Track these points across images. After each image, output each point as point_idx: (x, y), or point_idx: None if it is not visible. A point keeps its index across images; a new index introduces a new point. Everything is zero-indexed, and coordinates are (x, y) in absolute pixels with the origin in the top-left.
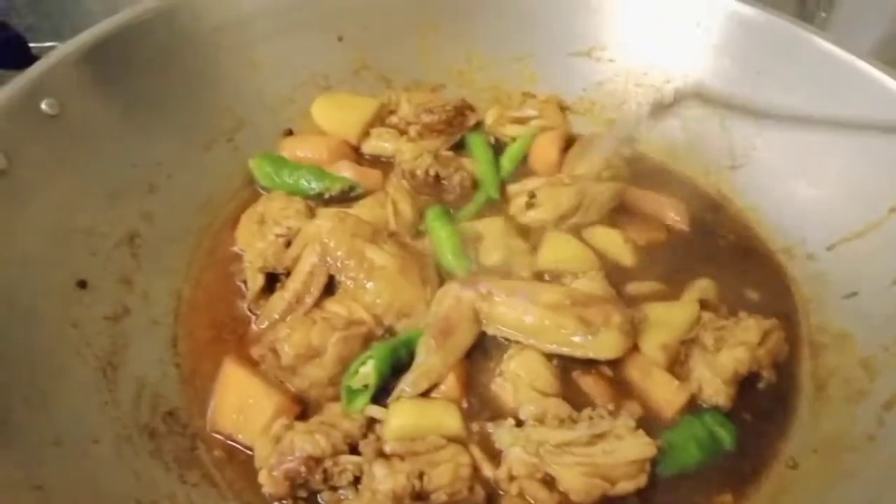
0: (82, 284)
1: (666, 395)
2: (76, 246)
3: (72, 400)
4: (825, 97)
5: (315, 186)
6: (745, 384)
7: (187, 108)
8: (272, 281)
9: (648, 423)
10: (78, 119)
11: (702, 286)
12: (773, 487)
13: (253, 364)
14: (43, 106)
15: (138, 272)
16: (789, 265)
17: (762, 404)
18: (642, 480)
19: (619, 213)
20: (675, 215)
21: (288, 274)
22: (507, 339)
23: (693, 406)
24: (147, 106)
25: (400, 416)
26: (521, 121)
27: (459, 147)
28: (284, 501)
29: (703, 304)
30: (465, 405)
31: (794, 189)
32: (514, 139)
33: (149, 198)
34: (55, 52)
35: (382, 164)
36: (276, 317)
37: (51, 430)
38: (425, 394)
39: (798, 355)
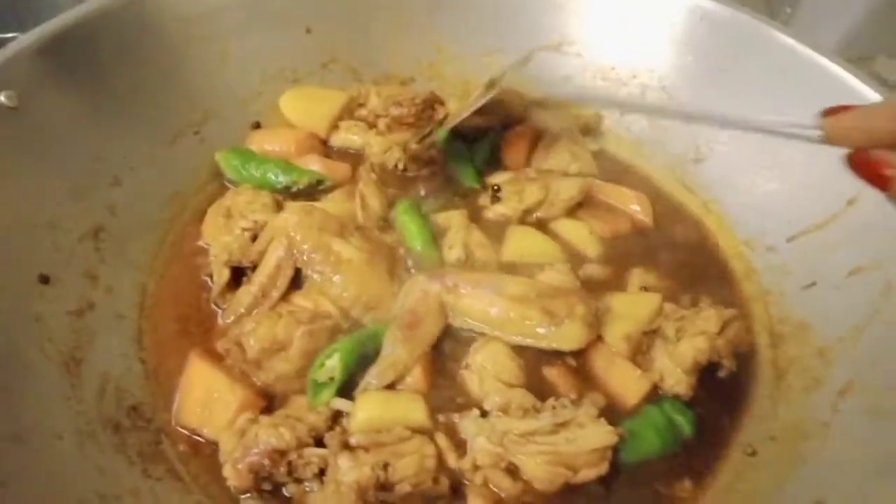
0: (45, 279)
1: (628, 384)
2: (39, 240)
3: (34, 395)
4: (787, 94)
5: (282, 180)
6: (706, 373)
7: (153, 100)
8: (238, 275)
9: (611, 412)
10: (39, 111)
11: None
12: (732, 474)
13: (218, 358)
14: (1, 98)
15: (102, 266)
16: (750, 257)
17: (722, 393)
18: (604, 468)
19: (585, 207)
20: (638, 208)
21: (254, 268)
22: (473, 332)
23: (655, 395)
24: (111, 98)
25: (366, 409)
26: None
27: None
28: (249, 494)
29: (666, 296)
30: (430, 397)
31: (755, 182)
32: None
33: (113, 191)
34: (14, 43)
35: (351, 157)
36: (242, 311)
37: (11, 426)
38: (391, 386)
39: (758, 345)
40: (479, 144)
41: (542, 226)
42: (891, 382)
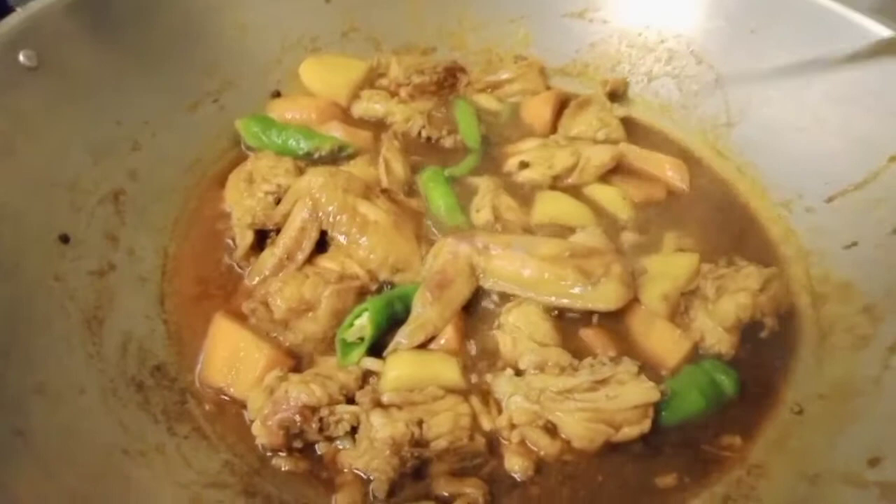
0: (65, 239)
1: (668, 344)
2: (58, 200)
3: (55, 350)
4: (820, 52)
5: (304, 146)
6: (748, 334)
7: (173, 67)
8: (261, 239)
9: (651, 373)
10: (59, 72)
11: (674, 238)
12: (779, 432)
13: (243, 319)
14: (21, 58)
15: (123, 229)
16: (788, 219)
17: (765, 353)
18: (646, 426)
19: (618, 173)
20: (674, 174)
21: (278, 231)
22: (504, 293)
23: (696, 356)
24: (131, 63)
25: (397, 368)
26: (496, 85)
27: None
28: (280, 454)
29: (703, 259)
30: (462, 358)
31: (790, 144)
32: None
33: (134, 155)
34: (35, 3)
35: (372, 125)
36: (267, 273)
37: (32, 378)
38: (423, 347)
39: (799, 306)
40: (501, 109)
41: (573, 192)
42: None
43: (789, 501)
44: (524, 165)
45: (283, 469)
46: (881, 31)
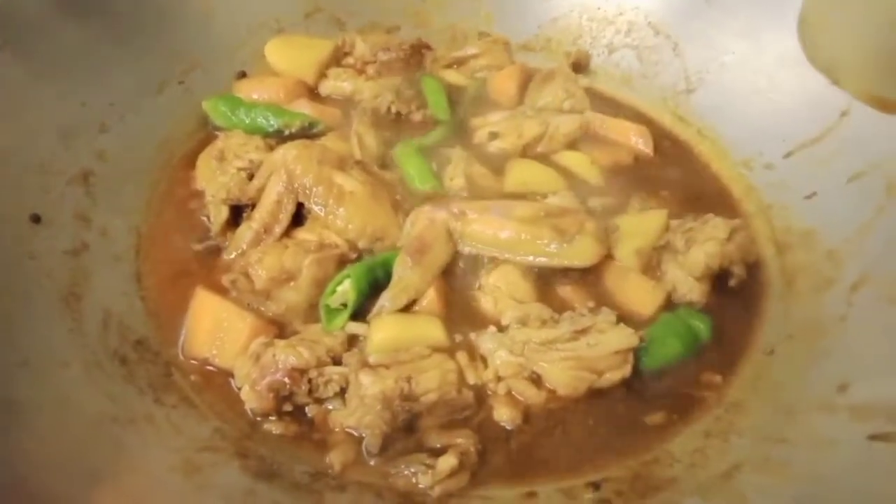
0: (36, 219)
1: (643, 296)
2: (28, 182)
3: (36, 325)
4: (773, 19)
5: (274, 123)
6: (718, 284)
7: (138, 49)
8: (237, 215)
9: (628, 323)
10: (24, 54)
11: (641, 198)
12: (753, 373)
13: (224, 292)
14: None
15: (94, 209)
16: (748, 176)
17: (736, 301)
18: (627, 370)
19: (585, 141)
20: (639, 140)
21: (253, 206)
22: (483, 256)
23: (669, 306)
24: (96, 45)
25: (382, 330)
26: (462, 60)
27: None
28: (270, 418)
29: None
30: (446, 319)
31: (747, 106)
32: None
33: (101, 137)
34: None
35: (340, 104)
36: (245, 247)
37: (16, 353)
38: (406, 310)
39: (765, 256)
40: (468, 84)
41: (543, 159)
42: None
43: (766, 432)
44: (494, 136)
45: (274, 433)
46: None
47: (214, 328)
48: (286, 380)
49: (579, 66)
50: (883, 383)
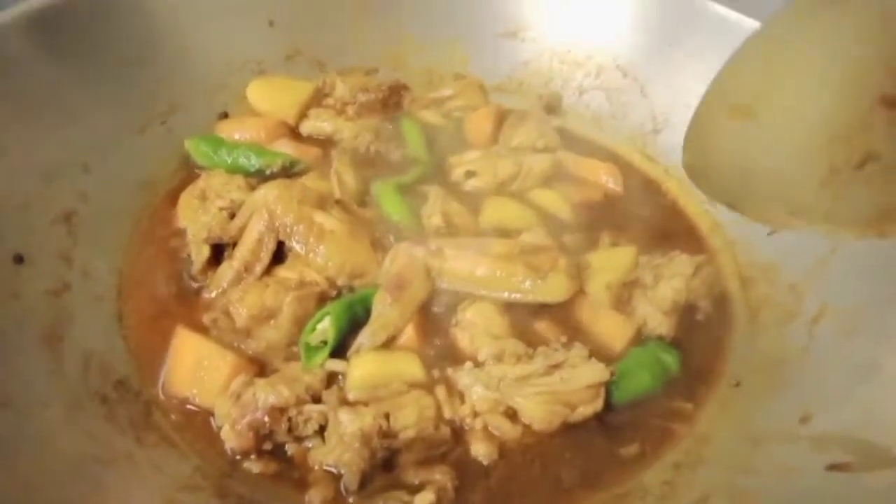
0: (19, 259)
1: (614, 330)
2: (11, 222)
3: (17, 366)
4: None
5: (255, 163)
6: (686, 317)
7: (120, 90)
8: (218, 254)
9: (600, 357)
10: (5, 95)
11: (610, 236)
12: (720, 404)
13: (204, 331)
14: None
15: (76, 249)
16: (714, 213)
17: (703, 334)
18: (599, 404)
19: (557, 180)
20: (608, 178)
21: (234, 245)
22: (460, 292)
23: (640, 340)
24: (79, 86)
25: (361, 367)
26: (439, 101)
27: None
28: (250, 457)
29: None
30: (424, 355)
31: None
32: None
33: (84, 178)
34: None
35: (321, 143)
36: (226, 285)
37: None
38: (385, 346)
39: (730, 290)
40: (445, 124)
41: (517, 197)
42: (859, 302)
43: (733, 462)
44: (470, 174)
45: (254, 472)
46: None
47: (195, 367)
48: (266, 418)
49: (551, 107)
50: (840, 415)
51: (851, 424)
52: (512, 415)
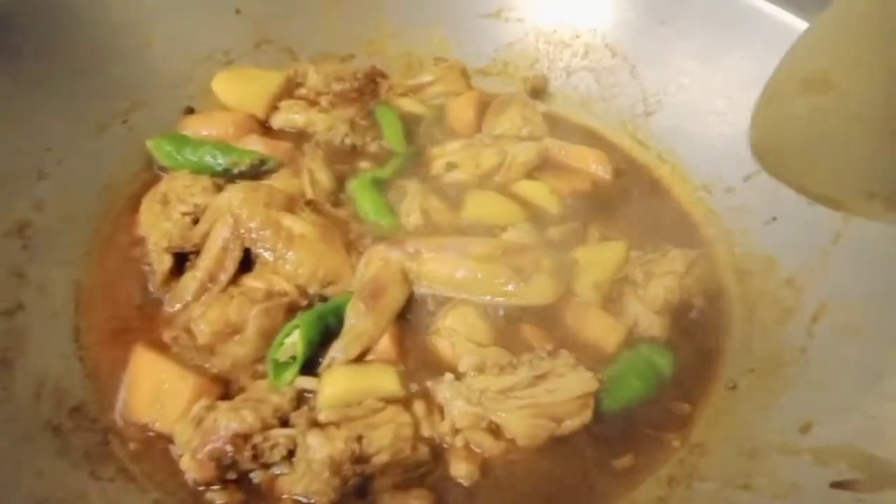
0: None
1: (603, 332)
2: None
3: None
4: (725, 38)
5: (222, 162)
6: (679, 315)
7: (75, 89)
8: (181, 262)
9: (589, 362)
10: None
11: (600, 228)
12: (716, 410)
13: (165, 349)
14: None
15: (31, 264)
16: (708, 201)
17: (697, 333)
18: (587, 416)
19: (544, 168)
20: (598, 166)
21: (198, 252)
22: (440, 297)
23: (631, 341)
24: (30, 88)
25: (333, 384)
26: (418, 88)
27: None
28: (213, 487)
29: (630, 246)
30: (401, 366)
31: (705, 128)
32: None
33: (38, 185)
34: None
35: (293, 136)
36: (189, 298)
37: None
38: (359, 359)
39: (725, 284)
40: (424, 112)
41: (501, 189)
42: (861, 299)
43: (730, 477)
44: (452, 166)
45: (218, 503)
46: (781, 16)
47: (155, 390)
48: (228, 447)
49: (537, 91)
50: (843, 424)
51: (856, 436)
52: (495, 430)
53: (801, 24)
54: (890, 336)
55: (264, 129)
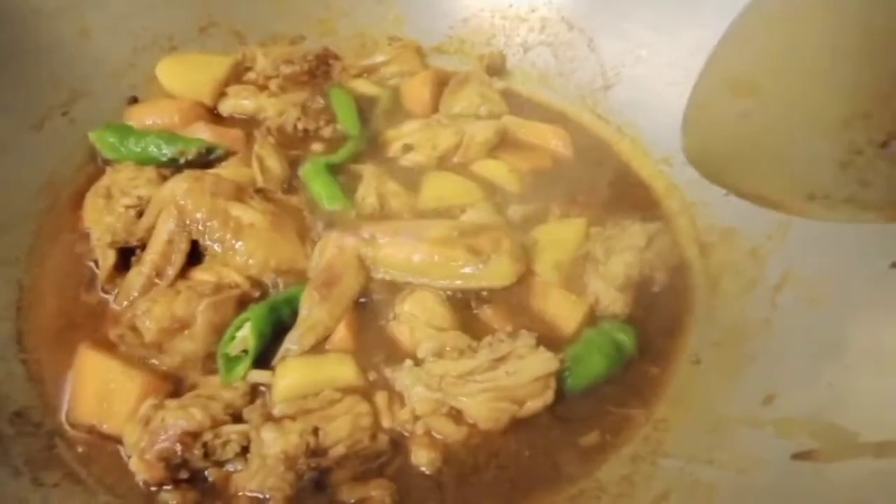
0: None
1: (564, 311)
2: None
3: None
4: (681, 8)
5: (167, 151)
6: (642, 291)
7: (10, 81)
8: (127, 257)
9: (552, 342)
10: None
11: (561, 205)
12: (680, 385)
13: (112, 348)
14: None
15: None
16: (669, 174)
17: (660, 308)
18: (549, 397)
19: (503, 147)
20: (558, 142)
21: (143, 247)
22: (398, 282)
23: (593, 319)
24: None
25: (287, 376)
26: (372, 69)
27: None
28: (165, 487)
29: (591, 223)
30: (359, 355)
31: (665, 99)
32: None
33: None
34: None
35: (243, 123)
36: (136, 294)
37: None
38: (315, 350)
39: (688, 257)
40: (379, 93)
41: (460, 170)
42: (824, 269)
43: (694, 452)
44: (408, 148)
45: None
46: None
47: (101, 391)
48: (177, 446)
49: (494, 68)
50: (805, 395)
51: (818, 406)
52: (456, 416)
53: None
54: (851, 304)
55: (212, 116)
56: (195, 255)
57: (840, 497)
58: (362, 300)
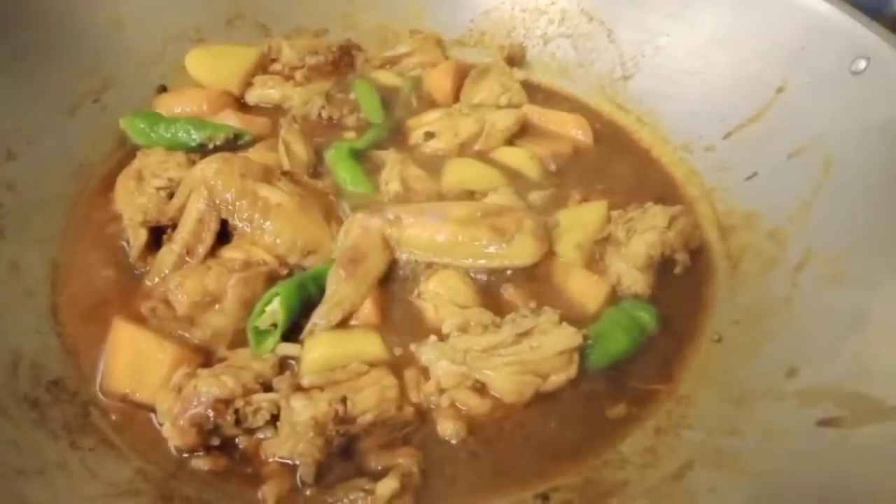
0: None
1: (587, 290)
2: None
3: None
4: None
5: (196, 137)
6: (663, 271)
7: (45, 69)
8: (158, 237)
9: (575, 321)
10: None
11: (582, 191)
12: (702, 362)
13: (144, 321)
14: None
15: (3, 243)
16: (689, 160)
17: (681, 289)
18: (573, 371)
19: (524, 135)
20: (577, 130)
21: (174, 226)
22: (421, 262)
23: (615, 300)
24: None
25: (316, 349)
26: (394, 60)
27: None
28: (197, 454)
29: (612, 208)
30: (385, 331)
31: (684, 88)
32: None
33: (8, 166)
34: None
35: (269, 112)
36: (167, 271)
37: None
38: (342, 325)
39: (709, 241)
40: (401, 84)
41: (481, 157)
42: (844, 248)
43: (716, 425)
44: (430, 136)
45: (202, 469)
46: None
47: (134, 361)
48: (209, 412)
49: (514, 59)
50: (828, 366)
51: (841, 376)
52: (480, 389)
53: None
54: (872, 280)
55: (239, 105)
56: (224, 234)
57: (868, 460)
58: (388, 280)
